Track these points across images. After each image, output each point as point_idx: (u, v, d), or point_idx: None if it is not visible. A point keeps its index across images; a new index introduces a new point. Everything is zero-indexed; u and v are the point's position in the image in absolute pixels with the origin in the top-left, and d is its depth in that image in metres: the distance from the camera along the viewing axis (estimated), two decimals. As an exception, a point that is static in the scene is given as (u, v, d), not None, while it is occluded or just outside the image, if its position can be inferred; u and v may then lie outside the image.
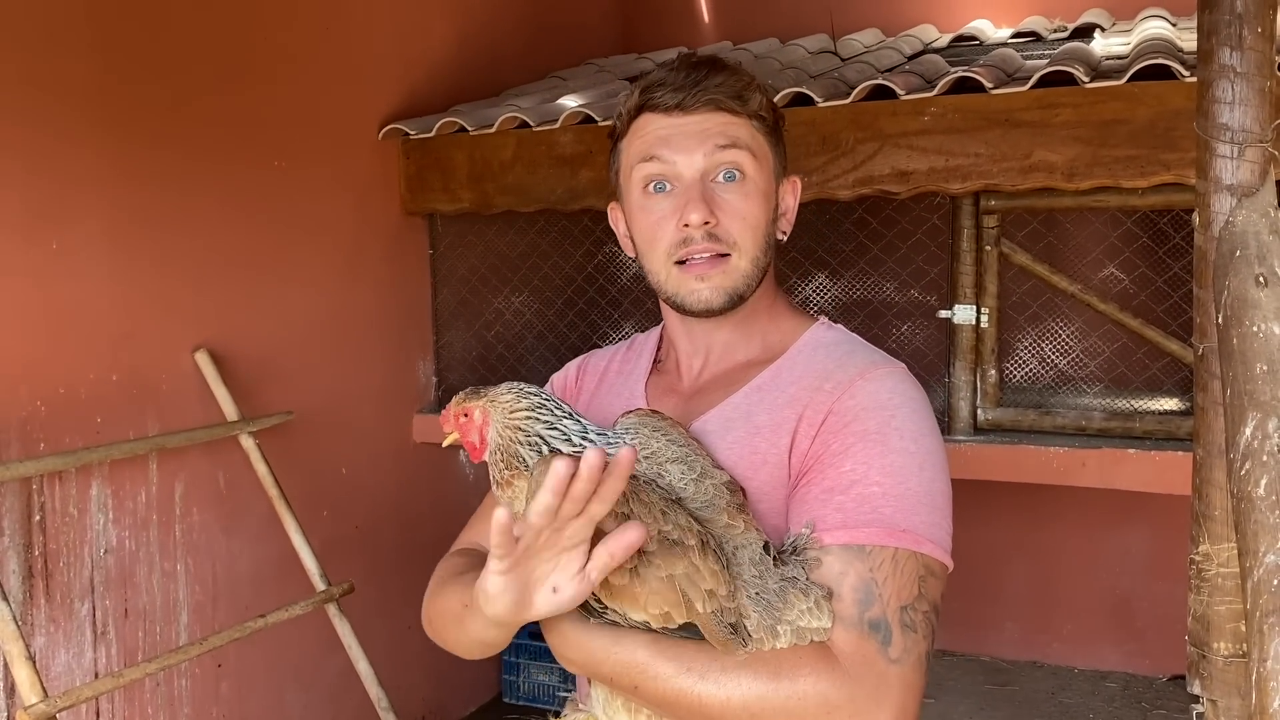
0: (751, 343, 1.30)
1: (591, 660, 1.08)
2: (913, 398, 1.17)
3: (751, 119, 1.25)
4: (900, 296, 3.59)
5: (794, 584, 1.06)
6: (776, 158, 1.29)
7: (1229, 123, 1.08)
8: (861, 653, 1.04)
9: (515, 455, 1.10)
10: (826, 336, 1.29)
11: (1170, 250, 3.16)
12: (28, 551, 2.43)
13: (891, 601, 1.06)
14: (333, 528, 3.24)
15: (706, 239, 1.21)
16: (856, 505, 1.09)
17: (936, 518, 1.11)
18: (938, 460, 1.14)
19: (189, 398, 2.78)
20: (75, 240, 2.51)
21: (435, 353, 3.68)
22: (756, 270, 1.25)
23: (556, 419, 1.11)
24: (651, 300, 4.12)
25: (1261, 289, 1.04)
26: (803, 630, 1.05)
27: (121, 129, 2.61)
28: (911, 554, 1.08)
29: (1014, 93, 2.76)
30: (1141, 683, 4.19)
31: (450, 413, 1.16)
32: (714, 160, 1.22)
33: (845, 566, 1.07)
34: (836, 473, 1.11)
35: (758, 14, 4.74)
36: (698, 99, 1.23)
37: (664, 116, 1.25)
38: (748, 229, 1.23)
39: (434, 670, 3.70)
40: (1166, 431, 2.83)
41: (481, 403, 1.13)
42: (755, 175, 1.24)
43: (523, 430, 1.10)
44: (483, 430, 1.13)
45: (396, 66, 3.54)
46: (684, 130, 1.23)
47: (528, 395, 1.12)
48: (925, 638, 1.07)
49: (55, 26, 2.45)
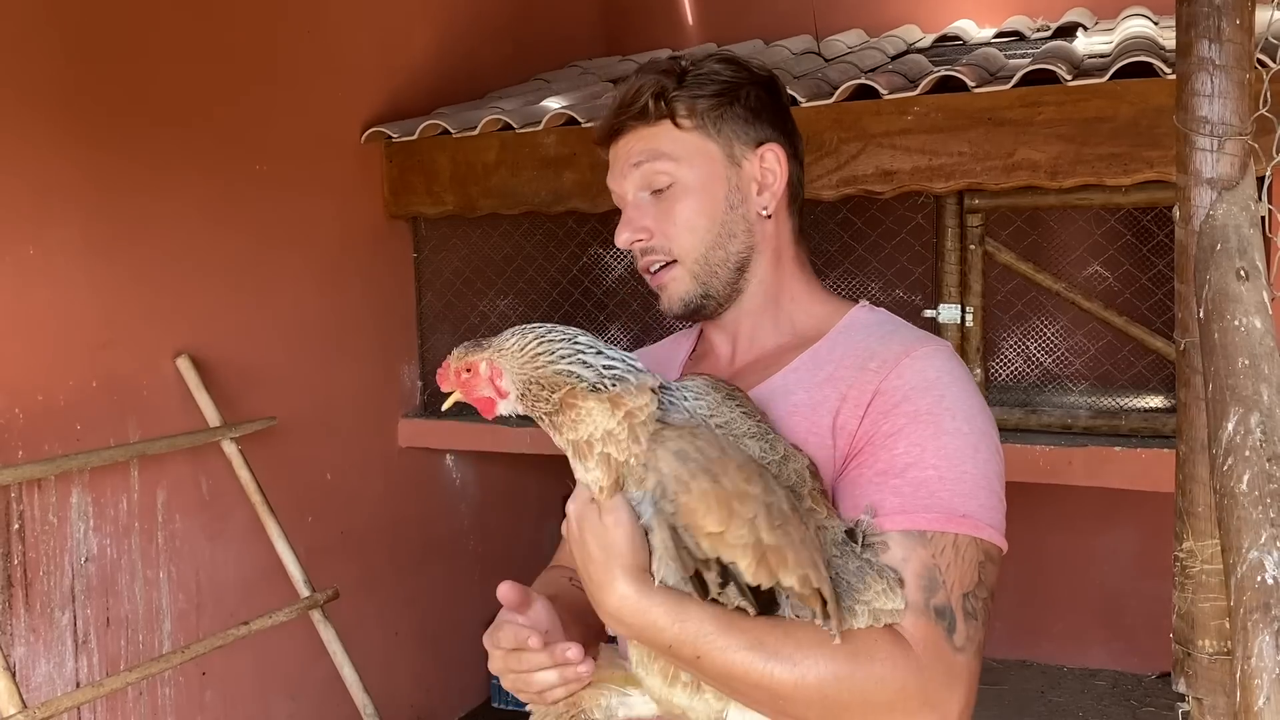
0: (780, 327, 1.27)
1: (652, 626, 1.00)
2: (960, 376, 1.15)
3: (671, 120, 1.23)
4: (885, 296, 3.59)
5: (870, 566, 1.03)
6: (722, 142, 1.23)
7: (1208, 116, 1.08)
8: (930, 640, 1.02)
9: (560, 373, 1.01)
10: (868, 318, 1.26)
11: (1154, 247, 3.17)
12: (7, 560, 2.40)
13: (955, 589, 1.03)
14: (317, 534, 3.21)
15: (644, 254, 1.25)
16: (914, 490, 1.06)
17: (993, 501, 1.08)
18: (990, 441, 1.12)
19: (170, 404, 2.76)
20: (53, 246, 2.49)
21: (420, 357, 3.66)
22: (713, 265, 1.23)
23: (569, 336, 1.03)
24: (637, 302, 4.12)
25: (1243, 283, 1.03)
26: (878, 612, 1.01)
27: (99, 133, 2.59)
28: (972, 540, 1.05)
29: (997, 91, 2.76)
30: (1130, 680, 4.20)
31: (450, 369, 1.07)
32: (633, 180, 1.25)
33: (907, 552, 1.04)
34: (890, 455, 1.08)
35: (741, 15, 4.73)
36: (617, 128, 1.27)
37: (607, 150, 1.30)
38: (681, 231, 1.22)
39: (422, 676, 3.68)
40: (1152, 429, 2.83)
41: (487, 354, 1.05)
42: (684, 175, 1.22)
43: (545, 354, 1.02)
44: (495, 381, 1.05)
45: (379, 69, 3.52)
46: (615, 157, 1.28)
47: (530, 329, 1.05)
48: (984, 625, 1.06)
49: (29, 31, 2.43)
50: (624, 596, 1.00)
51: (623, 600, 1.00)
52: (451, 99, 3.77)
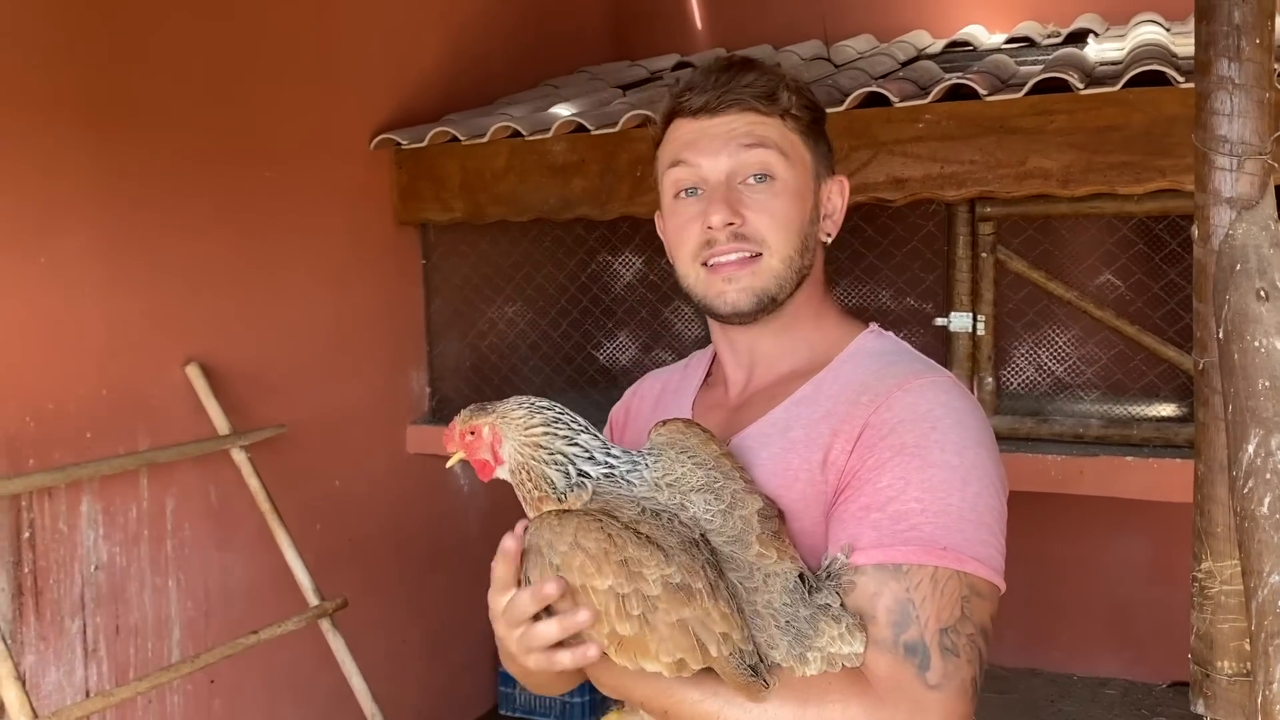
0: (797, 352, 1.26)
1: (622, 686, 1.08)
2: (957, 408, 1.12)
3: (783, 118, 1.23)
4: (896, 304, 3.58)
5: (826, 611, 1.02)
6: (816, 157, 1.26)
7: (1228, 135, 1.07)
8: (896, 677, 1.00)
9: (543, 477, 1.07)
10: (874, 345, 1.24)
11: (1166, 256, 3.15)
12: (17, 569, 2.40)
13: (930, 623, 1.01)
14: (326, 541, 3.21)
15: (732, 239, 1.19)
16: (893, 523, 1.05)
17: (983, 534, 1.05)
18: (985, 474, 1.08)
19: (180, 412, 2.76)
20: (64, 254, 2.49)
21: (428, 363, 3.65)
22: (790, 271, 1.21)
23: (575, 433, 1.08)
24: (645, 309, 4.12)
25: (1263, 303, 1.02)
26: (833, 656, 1.01)
27: (110, 141, 2.59)
28: (954, 573, 1.03)
29: (1008, 99, 2.75)
30: (1141, 689, 4.17)
31: (455, 430, 1.12)
32: (739, 161, 1.20)
33: (879, 587, 1.03)
34: (873, 489, 1.07)
35: (751, 20, 4.73)
36: (724, 100, 1.21)
37: (692, 120, 1.23)
38: (777, 227, 1.20)
39: (430, 684, 3.68)
40: (1164, 439, 2.82)
41: (490, 419, 1.09)
42: (786, 174, 1.21)
43: (544, 448, 1.07)
44: (495, 448, 1.10)
45: (388, 76, 3.52)
46: (709, 133, 1.21)
47: (540, 410, 1.09)
48: (970, 662, 1.02)
49: (41, 39, 2.43)
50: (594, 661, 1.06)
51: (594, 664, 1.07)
52: (460, 105, 3.77)
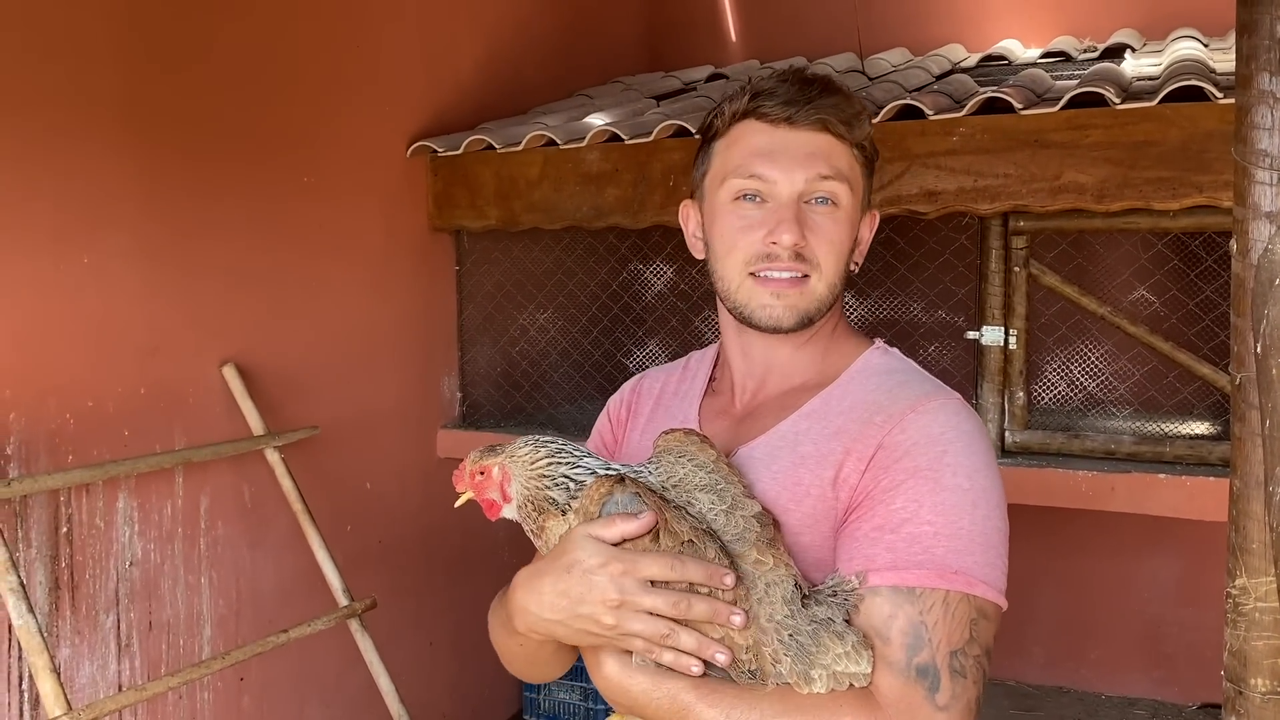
0: (810, 367, 1.27)
1: (635, 703, 1.08)
2: (967, 431, 1.14)
3: (854, 147, 1.25)
4: (928, 317, 3.57)
5: (827, 627, 1.03)
6: (866, 190, 1.28)
7: (1268, 149, 1.07)
8: (906, 700, 1.02)
9: (545, 499, 1.10)
10: (881, 363, 1.26)
11: (1202, 273, 3.13)
12: (54, 563, 2.44)
13: (941, 646, 1.03)
14: (356, 543, 3.24)
15: (793, 259, 1.20)
16: (907, 545, 1.06)
17: (991, 557, 1.08)
18: (992, 497, 1.11)
19: (215, 411, 2.80)
20: (106, 254, 2.54)
21: (460, 368, 3.68)
22: (831, 296, 1.24)
23: (578, 459, 1.11)
24: (676, 318, 4.13)
25: (1301, 318, 1.01)
26: (840, 675, 1.02)
27: (152, 145, 2.64)
28: (964, 596, 1.05)
29: (1044, 113, 2.74)
30: (1171, 710, 4.12)
31: (466, 471, 1.16)
32: (814, 186, 1.21)
33: (894, 609, 1.04)
34: (887, 510, 1.08)
35: (785, 33, 4.74)
36: (808, 115, 1.21)
37: (770, 127, 1.23)
38: (833, 253, 1.22)
39: (456, 686, 3.69)
40: (1198, 457, 2.79)
41: (499, 460, 1.13)
42: (848, 205, 1.23)
43: (548, 476, 1.10)
44: (504, 487, 1.14)
45: (425, 84, 3.56)
46: (788, 148, 1.21)
47: (544, 444, 1.12)
48: (975, 683, 1.04)
49: (86, 43, 2.48)
50: (608, 676, 1.10)
51: (608, 680, 1.10)
52: (496, 114, 3.80)
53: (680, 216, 1.36)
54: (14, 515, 2.36)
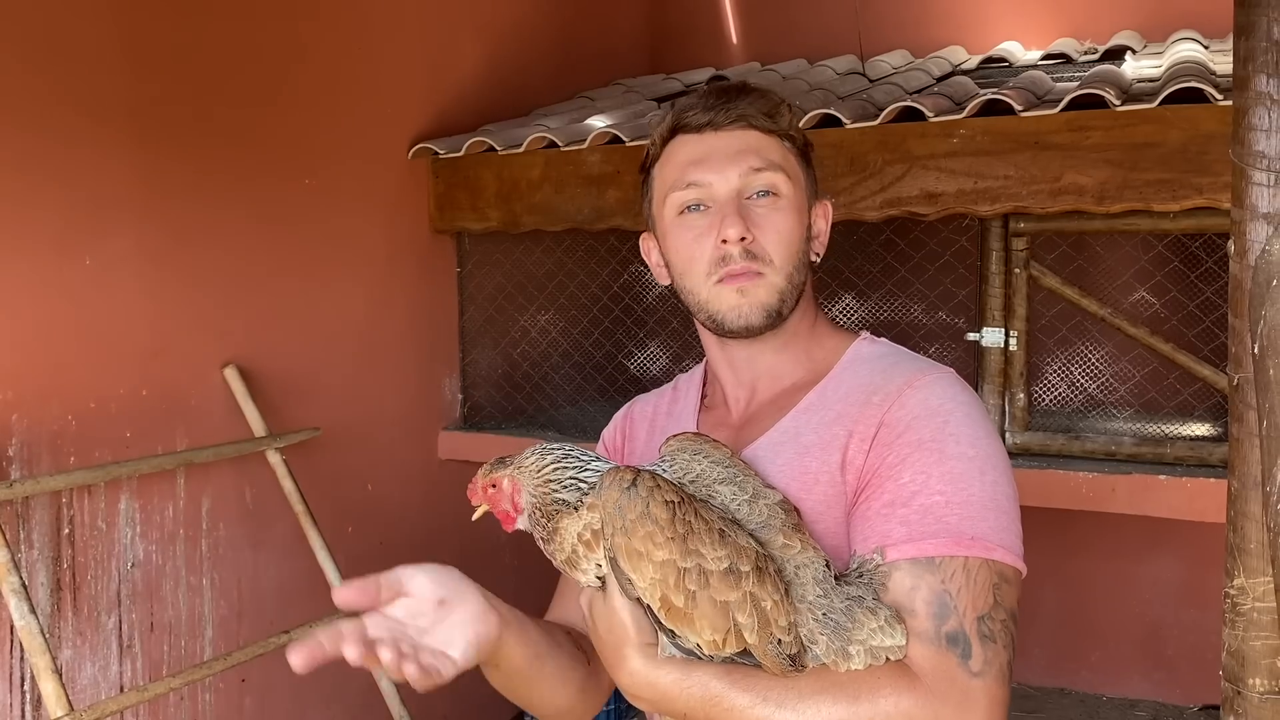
0: (797, 366, 1.28)
1: (664, 697, 1.06)
2: (964, 401, 1.15)
3: (783, 138, 1.26)
4: (928, 319, 3.57)
5: (860, 603, 1.04)
6: (808, 179, 1.29)
7: (1265, 150, 1.07)
8: (942, 668, 1.02)
9: (555, 502, 1.10)
10: (870, 350, 1.28)
11: (1202, 274, 3.13)
12: (56, 564, 2.45)
13: (968, 613, 1.03)
14: (357, 544, 3.24)
15: (744, 257, 1.21)
16: (920, 517, 1.06)
17: (1004, 521, 1.08)
18: (998, 462, 1.12)
19: (217, 413, 2.80)
20: (108, 256, 2.54)
21: (461, 370, 3.69)
22: (792, 287, 1.24)
23: (585, 463, 1.11)
24: (677, 319, 4.13)
25: (1299, 319, 1.02)
26: (876, 650, 1.02)
27: (154, 147, 2.64)
28: (983, 562, 1.05)
29: (1044, 115, 2.75)
30: (1171, 712, 4.12)
31: (478, 485, 1.17)
32: (749, 181, 1.23)
33: (916, 581, 1.04)
34: (896, 485, 1.09)
35: (786, 35, 4.74)
36: (728, 116, 1.24)
37: (696, 136, 1.25)
38: (783, 244, 1.23)
39: (457, 688, 3.68)
40: (1198, 458, 2.79)
41: (508, 471, 1.14)
42: (789, 194, 1.24)
43: (555, 481, 1.10)
44: (514, 498, 1.14)
45: (426, 86, 3.57)
46: (717, 150, 1.24)
47: (550, 451, 1.13)
48: (1006, 647, 1.04)
49: (89, 45, 2.49)
50: (633, 671, 1.07)
51: (633, 675, 1.07)
52: (497, 116, 3.81)
53: (642, 251, 1.37)
54: (16, 516, 2.36)
